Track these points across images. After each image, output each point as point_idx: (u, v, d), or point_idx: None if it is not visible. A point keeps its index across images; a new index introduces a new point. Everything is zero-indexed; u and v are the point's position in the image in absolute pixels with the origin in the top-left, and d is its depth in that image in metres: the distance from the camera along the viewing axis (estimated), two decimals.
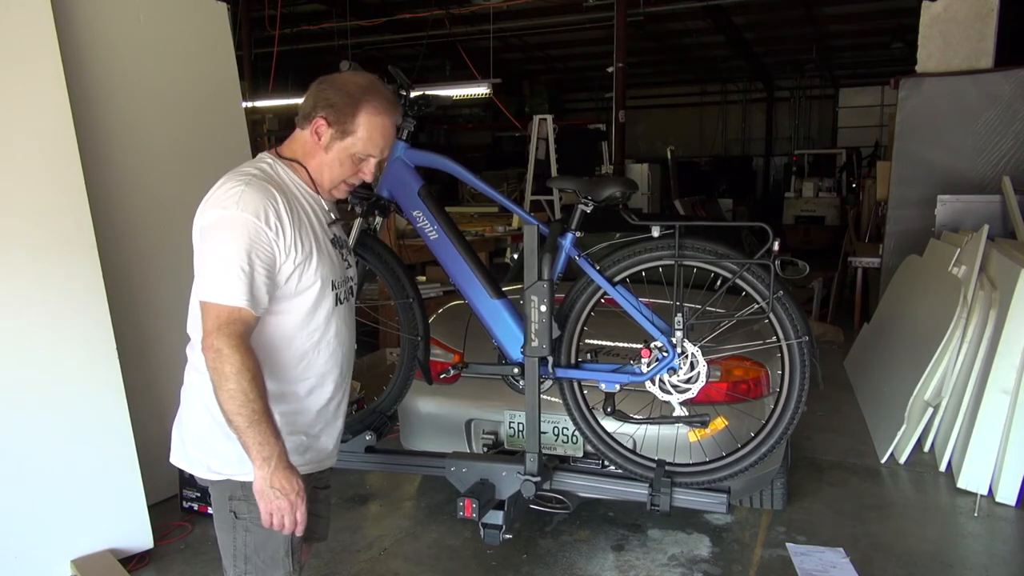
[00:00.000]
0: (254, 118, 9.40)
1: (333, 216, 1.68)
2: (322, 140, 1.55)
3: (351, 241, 2.39)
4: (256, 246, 1.43)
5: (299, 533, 1.49)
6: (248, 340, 1.44)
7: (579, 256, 2.29)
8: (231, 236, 1.42)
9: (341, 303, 1.65)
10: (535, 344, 2.25)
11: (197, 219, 1.50)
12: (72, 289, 2.79)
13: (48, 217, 2.76)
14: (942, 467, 3.69)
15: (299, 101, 1.62)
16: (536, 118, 10.12)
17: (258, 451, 1.41)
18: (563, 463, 2.65)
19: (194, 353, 1.56)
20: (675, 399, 2.23)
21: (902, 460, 3.82)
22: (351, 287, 1.72)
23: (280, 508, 1.44)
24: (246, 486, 1.51)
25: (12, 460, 2.62)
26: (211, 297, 1.43)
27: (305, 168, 1.59)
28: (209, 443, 1.57)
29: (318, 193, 1.62)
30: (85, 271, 2.82)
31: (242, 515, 1.56)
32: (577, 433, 2.49)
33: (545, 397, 2.36)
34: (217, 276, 1.43)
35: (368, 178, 1.62)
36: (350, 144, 1.55)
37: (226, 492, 1.58)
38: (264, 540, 1.56)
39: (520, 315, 2.32)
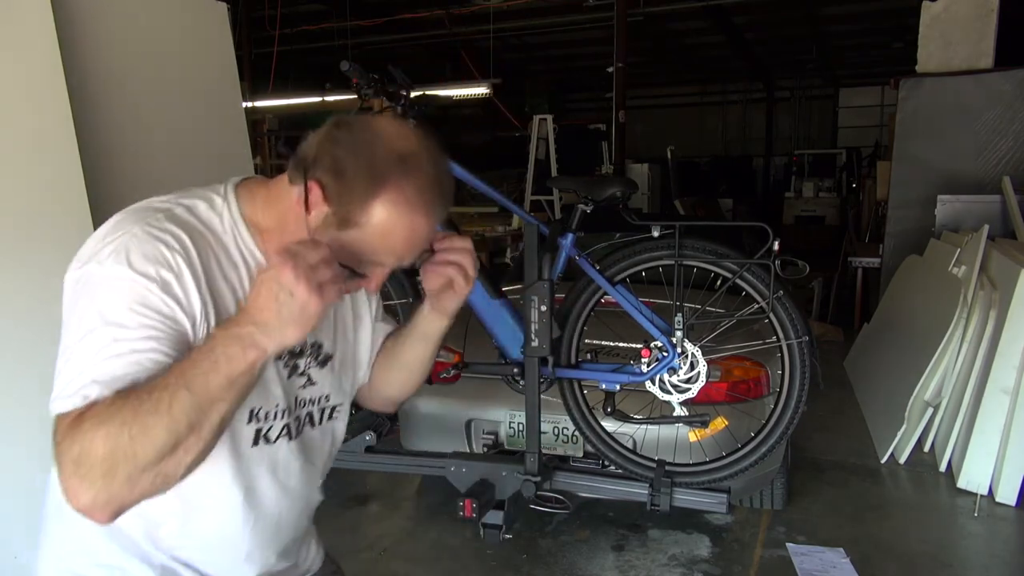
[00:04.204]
0: (254, 118, 9.40)
1: None
2: (310, 217, 0.94)
3: None
4: (149, 328, 0.89)
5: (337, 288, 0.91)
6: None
7: (579, 256, 2.29)
8: (109, 312, 0.88)
9: (278, 440, 1.05)
10: (535, 344, 2.25)
11: (67, 276, 0.95)
12: None
13: (47, 217, 2.76)
14: (942, 467, 3.69)
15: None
16: (536, 118, 10.11)
17: (236, 351, 0.86)
18: (563, 463, 2.65)
19: None
20: (675, 399, 2.23)
21: (902, 460, 3.82)
22: (323, 409, 1.13)
23: (286, 289, 0.86)
24: None
25: (12, 460, 2.62)
26: (57, 404, 0.86)
27: (263, 233, 1.02)
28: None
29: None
30: None
31: None
32: (577, 433, 2.49)
33: (545, 397, 2.36)
34: (67, 374, 0.87)
35: (372, 290, 1.06)
36: (352, 240, 0.94)
37: None
38: None
39: (520, 315, 2.32)
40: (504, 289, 2.42)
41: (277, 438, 1.05)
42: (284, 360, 1.05)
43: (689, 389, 2.22)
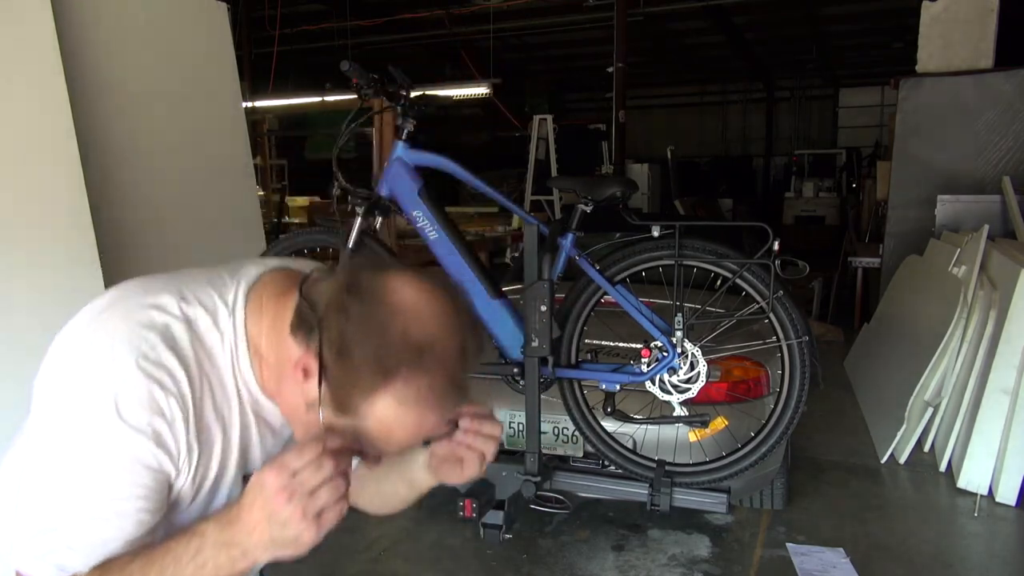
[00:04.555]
0: (254, 118, 9.41)
1: (279, 436, 0.98)
2: (306, 387, 0.84)
3: (350, 242, 2.39)
4: (136, 485, 0.82)
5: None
6: None
7: (579, 256, 2.29)
8: (92, 468, 0.80)
9: None
10: (535, 344, 2.25)
11: (42, 380, 0.86)
12: (72, 290, 2.79)
13: (48, 218, 2.76)
14: (942, 467, 3.68)
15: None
16: (536, 118, 10.13)
17: (224, 560, 0.81)
18: (563, 463, 2.65)
19: None
20: (675, 399, 2.23)
21: (902, 460, 3.81)
22: None
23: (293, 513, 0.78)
24: None
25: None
26: (25, 563, 0.82)
27: (262, 362, 0.91)
28: None
29: (271, 398, 0.92)
30: (85, 272, 2.82)
31: None
32: (577, 433, 2.49)
33: (545, 397, 2.36)
34: (37, 524, 0.81)
35: (373, 465, 0.94)
36: (347, 426, 0.84)
37: None
38: None
39: (520, 315, 2.32)
40: (504, 289, 2.42)
41: None
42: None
43: (689, 389, 2.22)
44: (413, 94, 2.39)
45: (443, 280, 0.87)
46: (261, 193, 7.52)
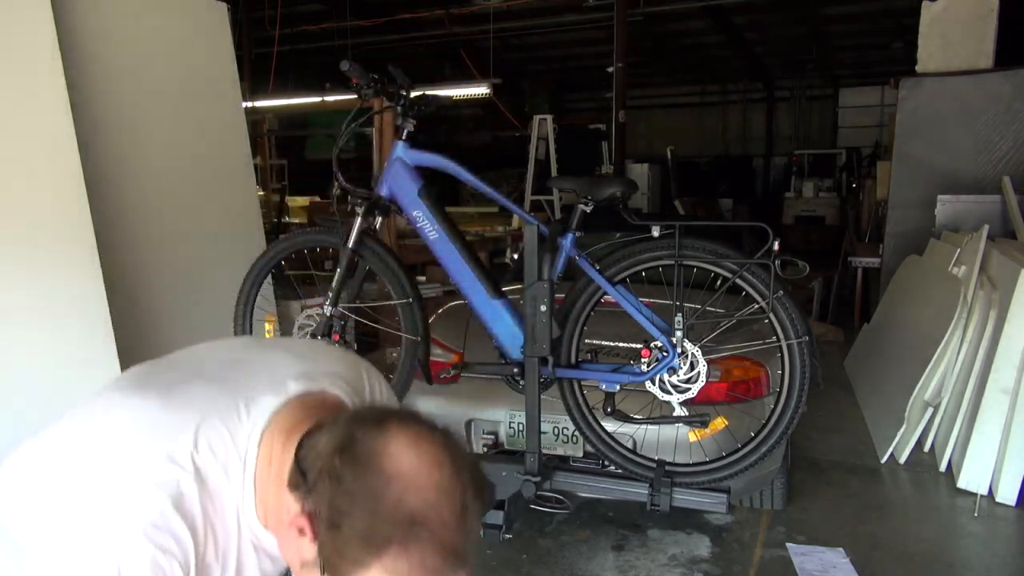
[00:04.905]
0: (254, 118, 9.41)
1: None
2: (299, 544, 0.84)
3: (350, 241, 2.39)
4: None
5: None
6: None
7: (579, 256, 2.29)
8: None
9: None
10: (535, 344, 2.25)
11: (46, 511, 0.87)
12: (72, 290, 2.79)
13: (48, 218, 2.76)
14: (942, 467, 3.68)
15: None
16: (536, 118, 10.13)
17: None
18: (563, 463, 2.65)
19: None
20: (675, 399, 2.23)
21: (902, 460, 3.81)
22: None
23: None
24: None
25: None
26: None
27: (266, 506, 0.93)
28: None
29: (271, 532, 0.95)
30: (85, 272, 2.82)
31: None
32: (577, 433, 2.49)
33: (545, 397, 2.36)
34: None
35: None
36: None
37: None
38: None
39: (520, 315, 2.32)
40: (504, 289, 2.42)
41: None
42: None
43: (689, 389, 2.22)
44: (413, 94, 2.39)
45: (445, 436, 0.85)
46: (261, 193, 7.52)
